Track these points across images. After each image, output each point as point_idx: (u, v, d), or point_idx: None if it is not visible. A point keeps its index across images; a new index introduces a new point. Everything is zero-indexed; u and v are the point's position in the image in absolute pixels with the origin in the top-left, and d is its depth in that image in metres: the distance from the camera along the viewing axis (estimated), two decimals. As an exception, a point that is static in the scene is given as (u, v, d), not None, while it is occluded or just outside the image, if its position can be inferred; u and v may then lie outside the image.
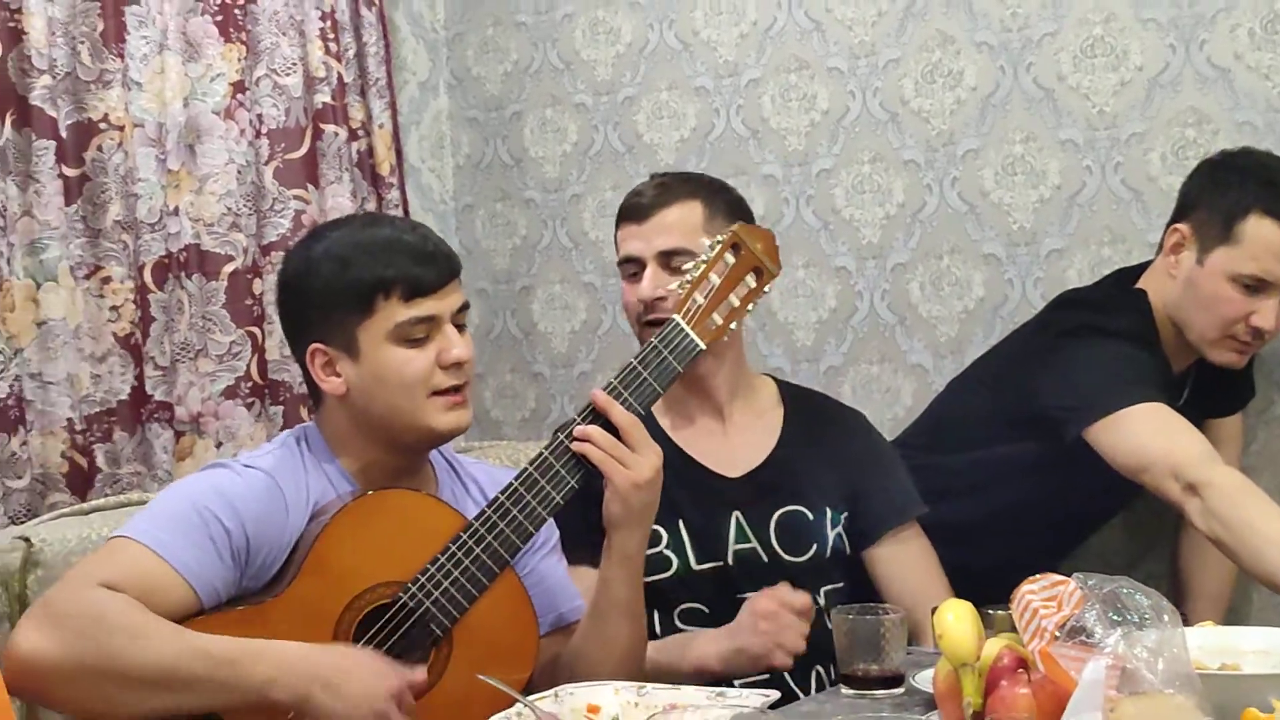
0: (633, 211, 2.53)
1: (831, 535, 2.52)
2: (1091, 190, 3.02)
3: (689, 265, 2.25)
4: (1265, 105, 2.84)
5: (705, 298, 2.20)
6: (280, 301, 2.25)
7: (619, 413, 2.12)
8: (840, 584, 2.53)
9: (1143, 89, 2.95)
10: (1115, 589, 1.76)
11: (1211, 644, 1.99)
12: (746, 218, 2.58)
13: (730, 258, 2.22)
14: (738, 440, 2.55)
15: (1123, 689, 1.63)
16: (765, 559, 2.49)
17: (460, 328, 2.15)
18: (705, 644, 2.34)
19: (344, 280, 2.10)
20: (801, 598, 2.32)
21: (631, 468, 2.12)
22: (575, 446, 2.12)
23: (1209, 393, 2.74)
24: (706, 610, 2.47)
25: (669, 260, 2.47)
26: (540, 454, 2.13)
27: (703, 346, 2.19)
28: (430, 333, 2.11)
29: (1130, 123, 2.97)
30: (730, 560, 2.49)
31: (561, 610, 2.27)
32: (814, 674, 2.47)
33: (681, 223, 2.49)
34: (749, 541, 2.49)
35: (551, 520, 2.22)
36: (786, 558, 2.50)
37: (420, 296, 2.10)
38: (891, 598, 2.50)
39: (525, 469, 2.12)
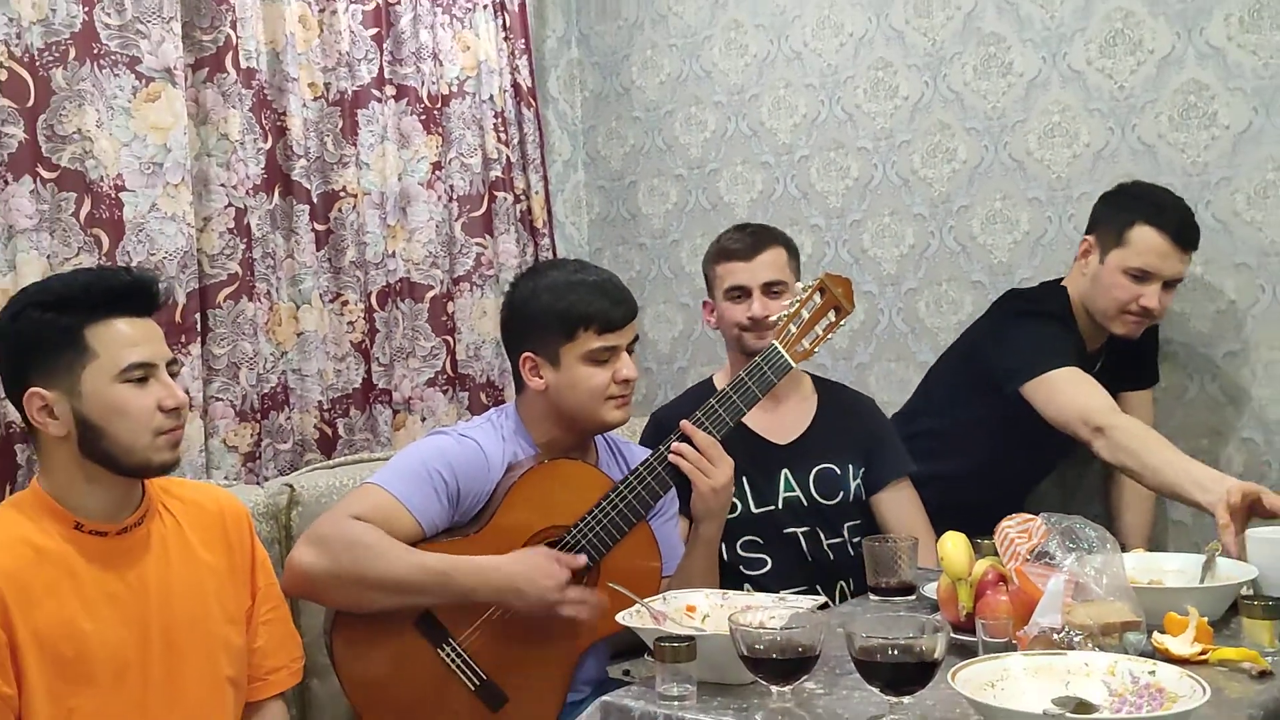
0: (739, 253, 2.51)
1: (853, 485, 2.51)
2: (1052, 235, 3.00)
3: (786, 300, 2.25)
4: (1181, 171, 2.81)
5: (797, 328, 2.20)
6: (505, 318, 2.22)
7: (701, 436, 2.12)
8: (858, 520, 2.52)
9: (1090, 160, 2.93)
10: (1071, 524, 1.77)
11: (1141, 565, 2.01)
12: (799, 259, 2.60)
13: (818, 298, 2.21)
14: (786, 418, 2.53)
15: (1076, 598, 1.65)
16: (805, 504, 2.48)
17: (630, 352, 2.15)
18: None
19: (557, 309, 2.10)
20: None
21: (711, 477, 2.11)
22: (671, 458, 2.11)
23: (1117, 369, 2.71)
24: (760, 541, 2.45)
25: (769, 288, 2.48)
26: (656, 450, 2.14)
27: (794, 365, 2.19)
28: (611, 357, 2.11)
29: (1081, 185, 2.94)
30: (780, 505, 2.48)
31: (669, 564, 2.24)
32: (838, 588, 2.48)
33: (775, 261, 2.50)
34: (794, 491, 2.47)
35: (675, 495, 2.22)
36: (821, 502, 2.49)
37: (610, 331, 2.10)
38: (890, 530, 2.49)
39: (657, 449, 2.13)
